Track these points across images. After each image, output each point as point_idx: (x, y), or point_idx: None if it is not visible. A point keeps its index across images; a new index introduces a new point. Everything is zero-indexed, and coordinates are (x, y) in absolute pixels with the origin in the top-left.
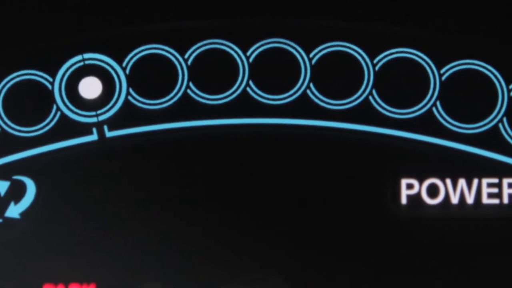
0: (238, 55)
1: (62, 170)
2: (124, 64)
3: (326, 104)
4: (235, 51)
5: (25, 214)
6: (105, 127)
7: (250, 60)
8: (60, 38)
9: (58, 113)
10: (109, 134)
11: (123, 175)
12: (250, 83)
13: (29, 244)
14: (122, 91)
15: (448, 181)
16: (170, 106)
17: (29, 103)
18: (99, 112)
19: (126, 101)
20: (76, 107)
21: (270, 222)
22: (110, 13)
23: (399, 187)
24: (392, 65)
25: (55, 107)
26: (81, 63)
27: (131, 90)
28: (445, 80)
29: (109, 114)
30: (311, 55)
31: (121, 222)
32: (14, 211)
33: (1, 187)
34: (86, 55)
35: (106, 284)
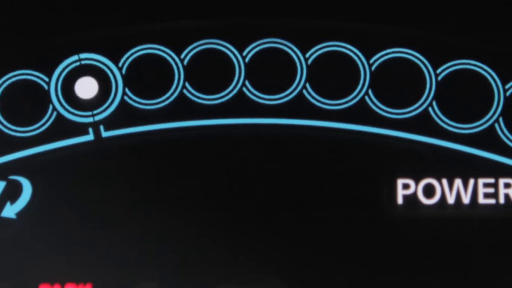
0: (234, 55)
1: (58, 170)
2: (120, 64)
3: (322, 104)
4: (231, 51)
5: (21, 214)
6: (101, 127)
7: (246, 60)
8: (56, 38)
9: (54, 113)
10: (105, 134)
11: (119, 175)
12: (246, 83)
13: (25, 244)
14: (118, 91)
15: (444, 181)
16: (166, 106)
17: (25, 103)
18: (95, 112)
19: (122, 101)
20: (72, 107)
21: (266, 222)
22: (106, 13)
23: (395, 187)
24: (388, 65)
25: (51, 107)
26: (77, 63)
27: (127, 90)
28: (441, 80)
29: (105, 114)
30: (307, 55)
31: (117, 222)
32: (10, 211)
33: None
34: (82, 55)
35: (102, 284)
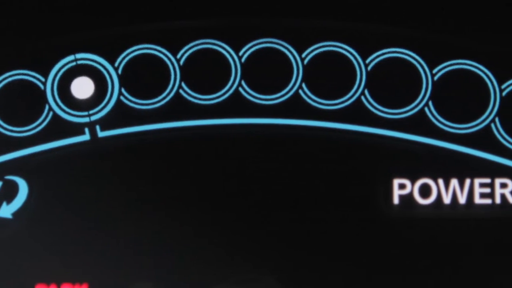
0: (230, 55)
1: (55, 170)
2: (116, 64)
3: (318, 104)
4: (227, 51)
5: (18, 214)
6: (97, 127)
7: (243, 60)
8: (52, 38)
9: (51, 113)
10: (101, 134)
11: (115, 175)
12: (243, 83)
13: (22, 244)
14: (114, 91)
15: (440, 181)
16: (162, 106)
17: (21, 103)
18: (91, 112)
19: (118, 101)
20: (68, 107)
21: (262, 222)
22: (103, 13)
23: (391, 187)
24: (385, 65)
25: (47, 107)
26: (74, 63)
27: (124, 90)
28: (438, 80)
29: (101, 114)
30: (304, 55)
31: (114, 222)
32: (6, 211)
33: None
34: (79, 55)
35: (99, 284)
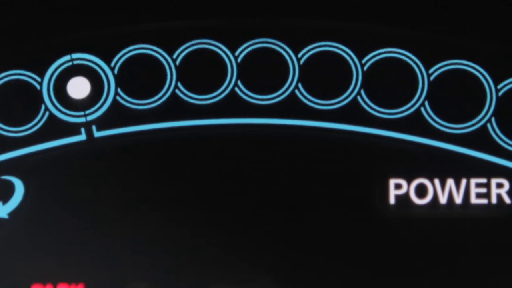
0: (227, 55)
1: (51, 170)
2: (113, 64)
3: (315, 104)
4: (224, 51)
5: (14, 214)
6: (94, 127)
7: (239, 60)
8: (49, 38)
9: (47, 113)
10: (98, 134)
11: (112, 175)
12: (239, 83)
13: (18, 244)
14: (111, 91)
15: (437, 181)
16: (159, 106)
17: (18, 103)
18: (88, 112)
19: (115, 101)
20: (65, 107)
21: (259, 222)
22: (99, 13)
23: (388, 187)
24: (381, 65)
25: (44, 107)
26: (70, 63)
27: (120, 90)
28: (434, 80)
29: (98, 114)
30: (300, 55)
31: (110, 222)
32: (3, 211)
33: None
34: (75, 55)
35: (95, 284)
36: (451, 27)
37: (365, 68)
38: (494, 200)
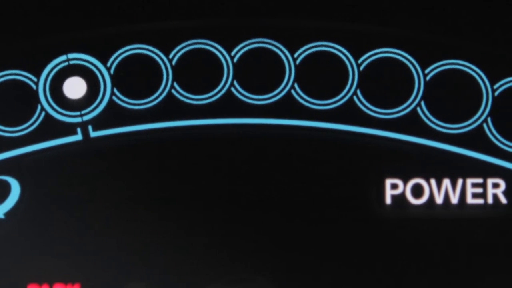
0: (223, 55)
1: (47, 170)
2: (109, 64)
3: (311, 104)
4: (220, 51)
5: (10, 214)
6: (90, 127)
7: (235, 60)
8: (45, 38)
9: (43, 113)
10: (94, 134)
11: (108, 175)
12: (235, 83)
13: (14, 244)
14: (107, 91)
15: (433, 181)
16: (155, 106)
17: (14, 103)
18: (84, 112)
19: (111, 101)
20: (61, 107)
21: (255, 222)
22: (95, 13)
23: (384, 187)
24: (377, 65)
25: (40, 107)
26: (66, 63)
27: (116, 90)
28: (430, 80)
29: (94, 114)
30: (296, 55)
31: (106, 222)
32: None
33: None
34: (71, 55)
35: (91, 284)
36: (447, 27)
37: (361, 68)
38: (490, 200)
